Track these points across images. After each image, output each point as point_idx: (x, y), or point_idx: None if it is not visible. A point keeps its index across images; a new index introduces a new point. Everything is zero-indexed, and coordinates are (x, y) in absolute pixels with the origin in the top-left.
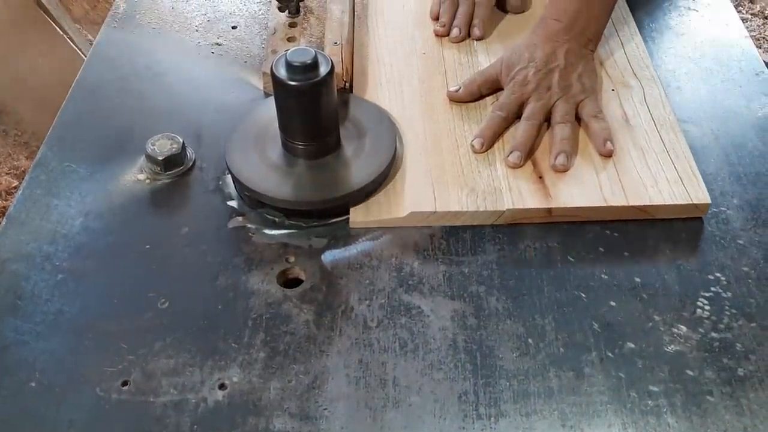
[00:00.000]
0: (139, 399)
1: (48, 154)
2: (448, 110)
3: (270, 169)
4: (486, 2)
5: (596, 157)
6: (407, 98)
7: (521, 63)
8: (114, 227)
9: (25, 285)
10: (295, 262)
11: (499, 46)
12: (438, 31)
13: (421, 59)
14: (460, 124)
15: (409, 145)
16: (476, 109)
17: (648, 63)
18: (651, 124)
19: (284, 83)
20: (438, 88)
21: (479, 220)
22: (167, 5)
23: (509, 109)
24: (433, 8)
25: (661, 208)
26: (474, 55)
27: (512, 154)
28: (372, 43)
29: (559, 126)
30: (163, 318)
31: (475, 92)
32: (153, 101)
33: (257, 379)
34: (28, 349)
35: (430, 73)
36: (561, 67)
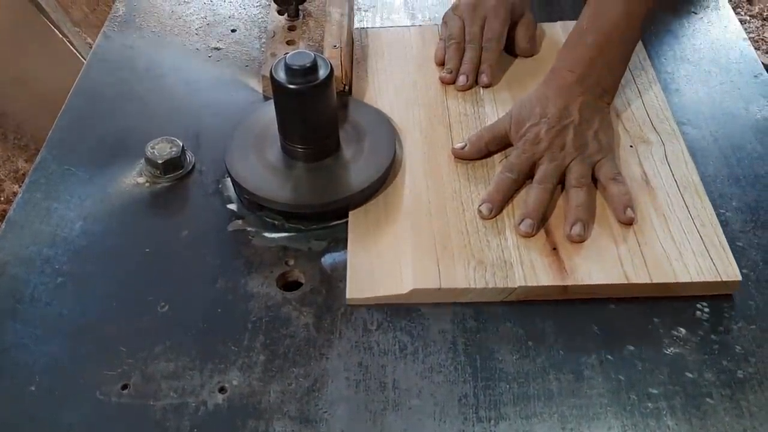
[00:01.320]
0: (138, 402)
1: (47, 158)
2: (452, 168)
3: (269, 171)
4: (495, 47)
5: (615, 225)
6: (409, 153)
7: (532, 119)
8: (113, 230)
9: (24, 288)
10: (294, 264)
11: (506, 94)
12: (444, 78)
13: (424, 109)
14: (465, 185)
15: (412, 207)
16: (483, 167)
17: (668, 115)
18: (673, 186)
19: (283, 86)
20: (442, 142)
21: (488, 297)
22: (166, 9)
23: (520, 170)
24: (438, 53)
25: (687, 286)
26: (480, 105)
27: (524, 222)
28: (371, 90)
29: (574, 190)
30: (162, 321)
31: (483, 150)
32: (152, 104)
33: (257, 382)
34: (27, 353)
35: (433, 126)
36: (575, 124)
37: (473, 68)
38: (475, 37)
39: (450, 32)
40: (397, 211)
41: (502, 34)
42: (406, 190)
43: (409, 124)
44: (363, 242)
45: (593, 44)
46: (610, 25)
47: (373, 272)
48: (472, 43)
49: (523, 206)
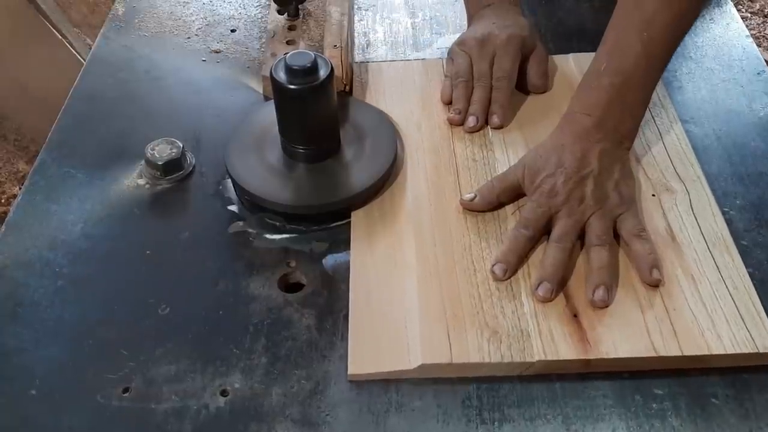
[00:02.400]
0: (140, 406)
1: (47, 160)
2: (461, 222)
3: (270, 173)
4: (505, 86)
5: (640, 287)
6: (414, 204)
7: (547, 169)
8: (114, 233)
9: (24, 292)
10: (296, 266)
11: (517, 135)
12: (453, 120)
13: (429, 154)
14: (476, 241)
15: (419, 265)
16: (495, 220)
17: (692, 159)
18: (701, 243)
19: (284, 87)
20: (449, 192)
21: (504, 371)
22: (166, 9)
23: (536, 226)
24: (445, 91)
25: (721, 358)
26: (489, 149)
27: (541, 285)
28: None
29: (595, 250)
30: (163, 324)
31: (494, 202)
32: (152, 106)
33: (259, 384)
34: (28, 356)
35: (439, 173)
36: (594, 174)
37: (483, 108)
38: (484, 74)
39: (457, 69)
40: (403, 267)
41: (513, 71)
42: (413, 245)
43: (415, 170)
44: (367, 303)
45: (611, 86)
46: (628, 65)
47: (377, 343)
48: (481, 82)
49: (540, 268)
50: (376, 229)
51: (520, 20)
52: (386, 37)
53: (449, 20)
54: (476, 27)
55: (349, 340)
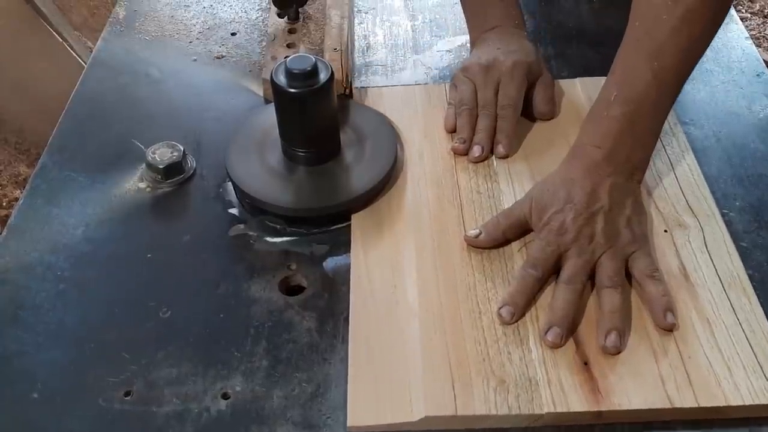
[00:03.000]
0: (141, 409)
1: (48, 163)
2: (465, 259)
3: (271, 176)
4: (511, 115)
5: (653, 331)
6: (416, 240)
7: (556, 204)
8: (115, 236)
9: (26, 295)
10: (296, 269)
11: (523, 166)
12: (457, 149)
13: (432, 186)
14: (481, 280)
15: (422, 310)
16: (500, 258)
17: (705, 192)
18: (717, 284)
19: (284, 90)
20: (453, 227)
21: (511, 423)
22: (167, 13)
23: (544, 266)
24: (448, 120)
25: (739, 409)
26: (494, 181)
27: (551, 330)
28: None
29: (607, 292)
30: (164, 327)
31: (500, 238)
32: (153, 109)
33: (260, 387)
34: (29, 360)
35: (442, 206)
36: (605, 210)
37: (488, 138)
38: (489, 102)
39: (461, 97)
40: (407, 311)
41: (518, 99)
42: (415, 284)
43: (417, 203)
44: (367, 347)
45: (622, 116)
46: (639, 94)
47: (378, 393)
48: (486, 110)
49: (549, 311)
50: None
51: (525, 45)
52: (386, 40)
53: (449, 23)
54: (480, 52)
55: (348, 388)
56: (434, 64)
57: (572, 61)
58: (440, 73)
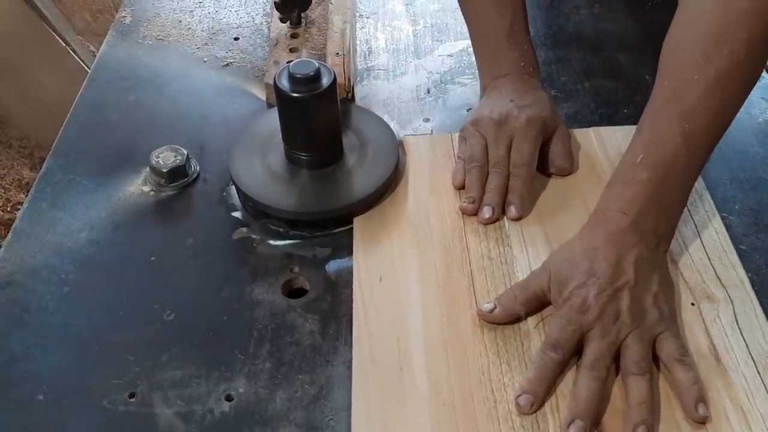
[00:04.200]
0: (145, 411)
1: (53, 167)
2: (478, 336)
3: (273, 179)
4: (525, 174)
5: (684, 424)
6: (425, 314)
7: (577, 277)
8: (119, 239)
9: (31, 298)
10: (299, 272)
11: (538, 229)
12: (466, 209)
13: (439, 250)
14: (495, 363)
15: (430, 396)
16: (515, 335)
17: (734, 259)
18: (750, 366)
19: (287, 95)
20: (463, 299)
21: None
22: (170, 17)
23: (566, 347)
24: (457, 175)
25: None
26: (506, 245)
27: (573, 425)
28: (374, 221)
29: (634, 380)
30: (168, 329)
31: (516, 313)
32: (156, 113)
33: (263, 389)
34: (34, 362)
35: (451, 273)
36: (630, 285)
37: (499, 198)
38: (501, 160)
39: (471, 152)
40: (415, 398)
41: (533, 158)
42: (424, 368)
43: (424, 270)
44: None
45: (648, 182)
46: (668, 158)
47: None
48: (497, 168)
49: (572, 402)
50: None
51: (540, 97)
52: (388, 45)
53: (450, 28)
54: (491, 102)
55: None
56: (435, 68)
57: (572, 66)
58: (441, 77)
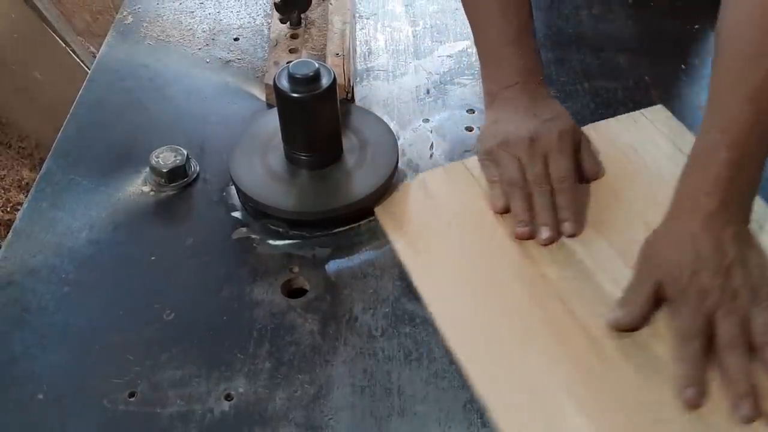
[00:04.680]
0: (145, 410)
1: (53, 167)
2: (622, 363)
3: (273, 179)
4: (569, 187)
5: None
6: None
7: (686, 266)
8: (119, 239)
9: (31, 298)
10: (299, 272)
11: (594, 235)
12: (522, 234)
13: (515, 283)
14: (654, 391)
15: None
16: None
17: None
18: None
19: (287, 95)
20: (572, 332)
21: None
22: (170, 18)
23: (702, 334)
24: (496, 201)
25: None
26: (578, 261)
27: (743, 404)
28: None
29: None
30: (168, 329)
31: (644, 315)
32: (157, 113)
33: (263, 389)
34: (35, 362)
35: (543, 304)
36: (738, 261)
37: (553, 216)
38: (542, 178)
39: (509, 175)
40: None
41: (572, 171)
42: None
43: (516, 315)
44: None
45: (730, 162)
46: (743, 137)
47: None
48: (541, 186)
49: (730, 386)
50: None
51: (558, 107)
52: (387, 45)
53: (450, 28)
54: (512, 119)
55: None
56: (435, 69)
57: (572, 66)
58: (441, 78)
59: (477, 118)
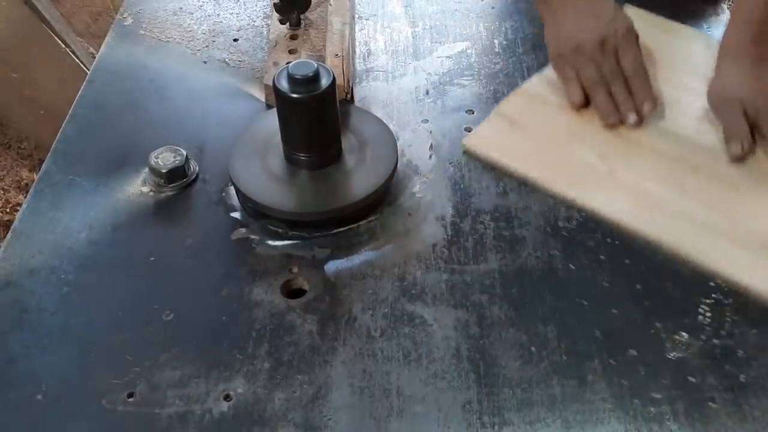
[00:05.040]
0: (144, 411)
1: (52, 168)
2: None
3: (272, 180)
4: (643, 75)
5: None
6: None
7: (755, 91)
8: (118, 240)
9: (30, 298)
10: (298, 272)
11: (668, 112)
12: (613, 123)
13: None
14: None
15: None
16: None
17: None
18: None
19: (286, 96)
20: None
21: None
22: (170, 19)
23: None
24: (575, 98)
25: None
26: (664, 129)
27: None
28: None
29: None
30: (167, 330)
31: (751, 137)
32: (156, 114)
33: (262, 389)
34: (34, 362)
35: (675, 170)
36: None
37: (633, 102)
38: (616, 73)
39: (589, 75)
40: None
41: (641, 59)
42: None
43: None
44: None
45: (761, 20)
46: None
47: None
48: (617, 79)
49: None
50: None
51: (614, 5)
52: (387, 46)
53: (449, 29)
54: (576, 24)
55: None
56: (434, 70)
57: None
58: (440, 79)
59: (476, 119)
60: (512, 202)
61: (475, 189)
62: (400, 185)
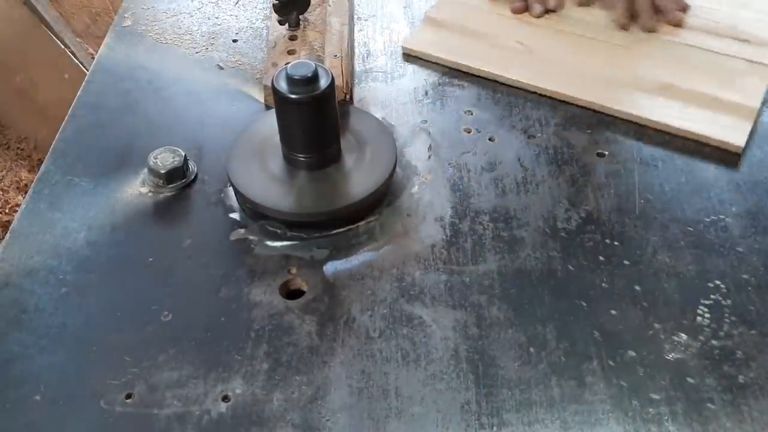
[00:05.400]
0: (143, 411)
1: (51, 168)
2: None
3: (271, 181)
4: None
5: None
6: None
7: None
8: (117, 240)
9: (29, 299)
10: (297, 273)
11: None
12: (516, 8)
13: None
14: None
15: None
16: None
17: None
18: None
19: (285, 96)
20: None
21: None
22: (169, 19)
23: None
24: (516, 5)
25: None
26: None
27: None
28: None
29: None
30: (166, 330)
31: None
32: (155, 115)
33: (260, 390)
34: (32, 363)
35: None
36: None
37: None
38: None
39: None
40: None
41: None
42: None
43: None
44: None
45: None
46: None
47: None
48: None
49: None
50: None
51: None
52: (386, 47)
53: None
54: None
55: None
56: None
57: None
58: (439, 79)
59: (475, 120)
60: (511, 202)
61: (474, 190)
62: (399, 186)
